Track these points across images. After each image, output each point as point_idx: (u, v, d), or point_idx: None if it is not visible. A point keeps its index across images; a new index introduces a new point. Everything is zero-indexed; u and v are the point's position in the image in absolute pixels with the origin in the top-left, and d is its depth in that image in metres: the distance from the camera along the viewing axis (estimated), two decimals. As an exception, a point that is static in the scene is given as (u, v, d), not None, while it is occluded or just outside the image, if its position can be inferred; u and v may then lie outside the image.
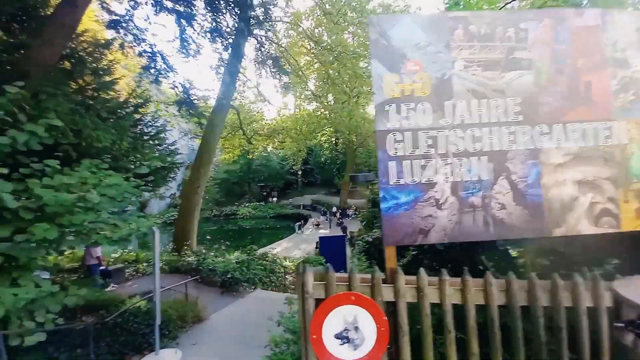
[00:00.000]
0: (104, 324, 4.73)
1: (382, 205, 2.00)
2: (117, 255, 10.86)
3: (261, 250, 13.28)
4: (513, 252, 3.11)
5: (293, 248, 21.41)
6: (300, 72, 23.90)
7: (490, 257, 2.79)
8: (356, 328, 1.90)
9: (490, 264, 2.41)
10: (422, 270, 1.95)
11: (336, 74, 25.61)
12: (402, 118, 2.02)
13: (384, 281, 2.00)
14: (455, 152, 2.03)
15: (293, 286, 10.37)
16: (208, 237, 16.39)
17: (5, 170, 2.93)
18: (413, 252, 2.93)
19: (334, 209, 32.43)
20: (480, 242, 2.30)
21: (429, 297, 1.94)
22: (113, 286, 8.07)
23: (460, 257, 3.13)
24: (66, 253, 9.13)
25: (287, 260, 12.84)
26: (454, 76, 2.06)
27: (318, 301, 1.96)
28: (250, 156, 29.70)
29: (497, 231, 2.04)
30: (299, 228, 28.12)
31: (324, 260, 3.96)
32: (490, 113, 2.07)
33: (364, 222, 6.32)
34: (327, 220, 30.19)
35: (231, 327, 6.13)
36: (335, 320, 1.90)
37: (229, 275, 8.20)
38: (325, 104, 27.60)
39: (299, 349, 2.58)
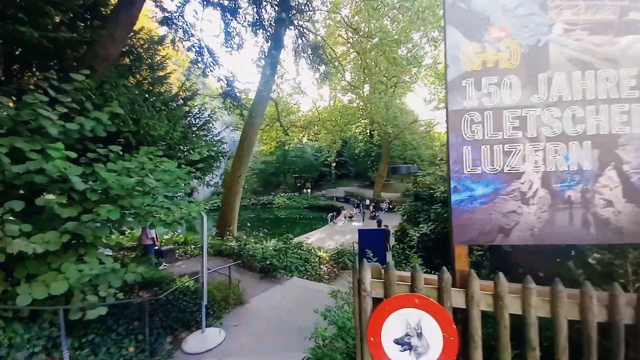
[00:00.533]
0: (157, 301, 5.03)
1: (453, 198, 1.71)
2: (168, 237, 11.69)
3: (296, 240, 13.46)
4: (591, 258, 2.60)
5: (326, 239, 21.45)
6: (337, 62, 23.42)
7: (565, 263, 2.34)
8: (419, 334, 1.67)
9: (579, 272, 1.99)
10: (501, 275, 1.64)
11: (373, 63, 24.67)
12: (482, 95, 1.69)
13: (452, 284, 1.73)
14: (550, 136, 1.65)
15: (328, 276, 10.34)
16: (248, 224, 16.99)
17: (74, 155, 3.12)
18: (479, 253, 2.57)
19: (367, 202, 31.85)
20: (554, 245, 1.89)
21: (508, 306, 1.63)
22: (165, 265, 8.69)
23: (530, 261, 2.71)
24: (127, 233, 10.00)
25: (321, 250, 12.85)
26: (551, 43, 1.67)
27: (375, 300, 1.76)
28: (287, 147, 30.10)
29: (600, 234, 1.64)
30: (332, 219, 28.09)
31: (371, 254, 3.75)
32: (597, 88, 1.65)
33: (405, 216, 5.93)
34: (360, 212, 29.77)
35: (271, 311, 6.22)
36: (395, 324, 1.68)
37: (267, 262, 8.37)
38: (362, 94, 26.84)
39: (347, 347, 2.42)
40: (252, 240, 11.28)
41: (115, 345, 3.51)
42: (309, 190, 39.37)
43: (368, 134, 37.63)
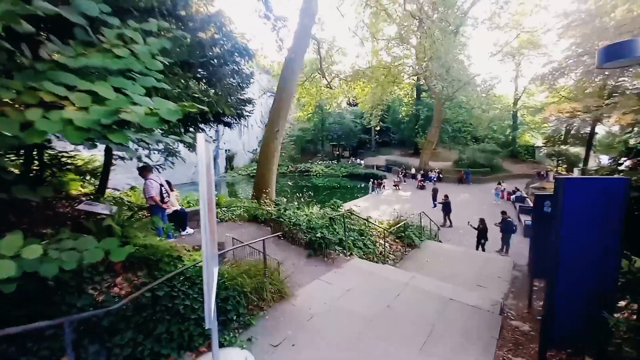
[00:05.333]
0: (140, 304, 2.57)
1: None
2: (197, 198, 9.62)
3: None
4: None
5: (371, 208, 18.53)
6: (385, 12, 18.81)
7: None
8: None
9: None
10: None
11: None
12: None
13: None
14: None
15: (393, 256, 7.52)
16: (287, 190, 14.61)
17: None
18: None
19: (413, 171, 27.93)
20: None
21: None
22: (188, 231, 6.50)
23: None
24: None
25: (375, 221, 9.98)
26: None
27: None
28: (327, 107, 26.62)
29: None
30: (373, 188, 25.03)
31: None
32: None
33: None
34: (404, 182, 26.15)
35: (335, 318, 3.56)
36: None
37: (317, 234, 5.68)
38: (416, 44, 21.81)
39: None
40: (295, 204, 8.73)
41: None
42: (352, 159, 36.12)
43: (415, 96, 32.44)
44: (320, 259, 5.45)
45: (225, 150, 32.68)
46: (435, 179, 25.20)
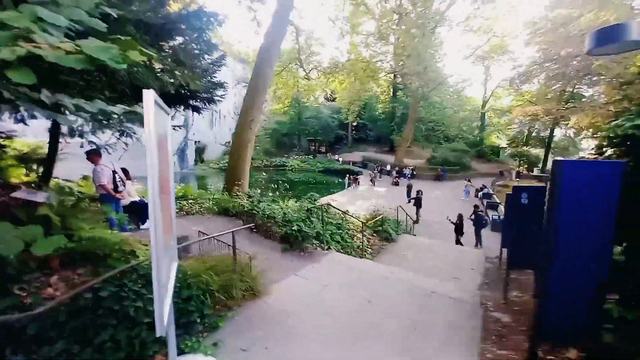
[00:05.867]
0: (77, 307, 2.12)
1: None
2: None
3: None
4: None
5: (347, 204, 18.56)
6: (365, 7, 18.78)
7: None
8: None
9: None
10: None
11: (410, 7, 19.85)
12: None
13: None
14: None
15: (370, 249, 7.45)
16: (261, 182, 14.09)
17: None
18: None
19: (388, 167, 28.56)
20: None
21: None
22: (148, 225, 5.86)
23: None
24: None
25: (352, 215, 9.89)
26: None
27: None
28: (305, 100, 26.16)
29: None
30: (349, 184, 25.19)
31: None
32: None
33: None
34: (379, 178, 26.63)
35: (313, 316, 3.31)
36: None
37: (294, 228, 5.38)
38: (394, 41, 22.09)
39: None
40: (270, 196, 8.35)
41: None
42: (329, 154, 35.99)
43: (391, 93, 33.07)
44: (297, 253, 5.17)
45: (195, 142, 30.91)
46: (409, 176, 25.94)
